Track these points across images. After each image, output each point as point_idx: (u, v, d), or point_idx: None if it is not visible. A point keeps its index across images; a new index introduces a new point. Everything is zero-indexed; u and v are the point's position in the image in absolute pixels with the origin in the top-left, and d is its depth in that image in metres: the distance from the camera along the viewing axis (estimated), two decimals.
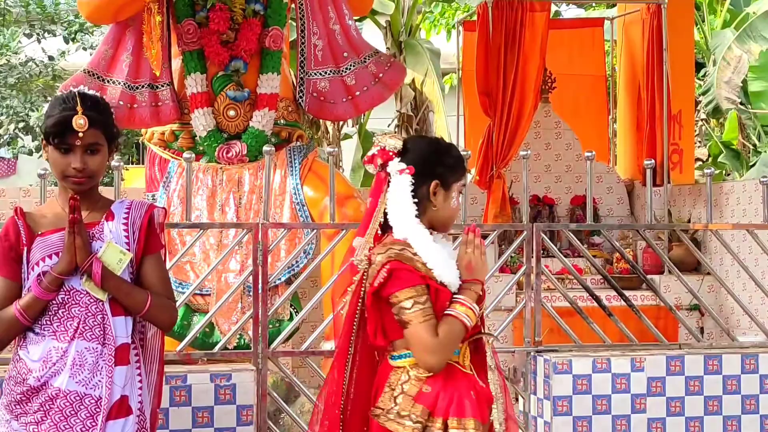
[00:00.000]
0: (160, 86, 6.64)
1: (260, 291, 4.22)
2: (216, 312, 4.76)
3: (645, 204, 5.80)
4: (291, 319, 5.93)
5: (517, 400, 4.70)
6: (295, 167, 6.59)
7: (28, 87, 14.06)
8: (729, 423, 4.38)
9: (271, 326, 4.67)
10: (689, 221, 8.43)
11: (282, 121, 6.79)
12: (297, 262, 5.97)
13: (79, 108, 3.05)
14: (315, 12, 6.89)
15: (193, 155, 4.76)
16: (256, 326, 4.22)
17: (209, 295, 5.97)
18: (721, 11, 14.38)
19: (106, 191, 3.11)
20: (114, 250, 3.07)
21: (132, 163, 17.65)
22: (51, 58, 14.29)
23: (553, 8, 12.81)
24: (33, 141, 14.25)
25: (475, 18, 9.18)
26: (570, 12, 16.32)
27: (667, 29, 9.04)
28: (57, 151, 3.07)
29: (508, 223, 7.80)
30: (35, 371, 2.99)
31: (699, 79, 13.64)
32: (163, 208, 3.33)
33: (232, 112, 6.63)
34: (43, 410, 2.98)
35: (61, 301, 3.04)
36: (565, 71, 9.65)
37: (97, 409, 3.00)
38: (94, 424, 2.99)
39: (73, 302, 3.04)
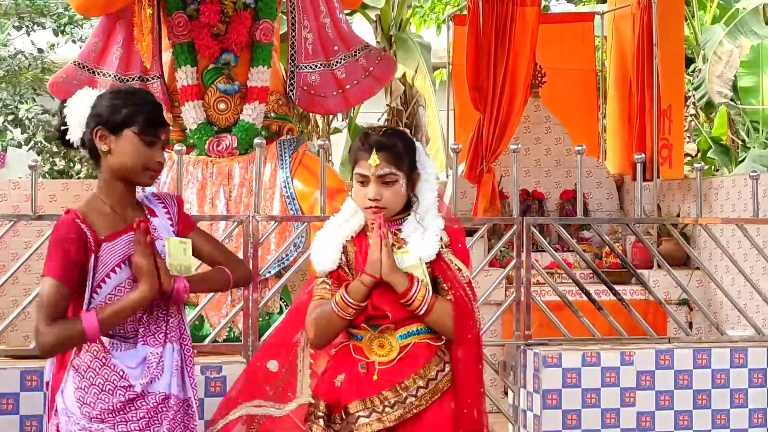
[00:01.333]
0: (150, 79, 6.64)
1: (250, 284, 4.21)
2: (206, 305, 4.76)
3: (634, 198, 5.81)
4: (281, 312, 5.95)
5: (506, 393, 4.71)
6: (286, 160, 6.59)
7: (17, 80, 14.00)
8: (718, 417, 4.39)
9: (260, 319, 4.66)
10: (678, 216, 8.44)
11: (272, 114, 6.79)
12: (287, 255, 5.98)
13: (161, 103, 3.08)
14: (306, 5, 6.89)
15: (184, 148, 4.75)
16: (246, 319, 4.23)
17: None
18: (711, 6, 14.40)
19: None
20: (175, 243, 2.95)
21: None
22: (40, 50, 14.22)
23: (544, 3, 12.81)
24: (22, 134, 14.20)
25: (465, 12, 9.17)
26: (560, 7, 16.32)
27: (657, 24, 9.05)
28: (142, 143, 2.95)
29: (498, 217, 7.81)
30: (137, 378, 2.91)
31: (689, 74, 13.65)
32: (179, 195, 3.31)
33: (222, 105, 6.63)
34: (148, 417, 2.90)
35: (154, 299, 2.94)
36: (555, 66, 9.65)
37: (189, 410, 2.99)
38: (192, 424, 2.99)
39: (155, 305, 2.96)
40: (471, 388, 3.10)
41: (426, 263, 3.08)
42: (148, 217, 3.03)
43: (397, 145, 3.15)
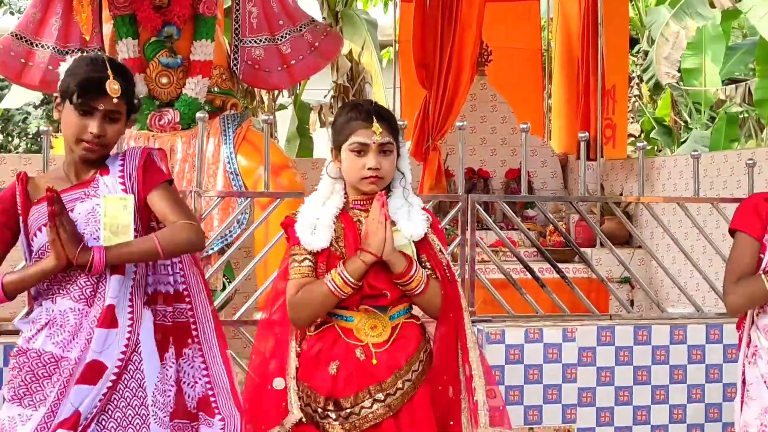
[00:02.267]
0: (90, 51, 6.55)
1: (199, 252, 4.17)
2: None
3: (578, 178, 5.85)
4: (224, 289, 5.90)
5: None
6: (229, 136, 6.54)
7: None
8: (657, 392, 4.44)
9: None
10: (621, 195, 8.52)
11: (216, 89, 6.73)
12: (230, 231, 5.94)
13: (110, 72, 2.90)
14: None
15: None
16: None
17: None
18: None
19: (34, 159, 3.01)
20: (112, 201, 2.88)
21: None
22: None
23: None
24: None
25: None
26: None
27: (603, 4, 9.11)
28: (75, 112, 2.89)
29: (443, 195, 7.82)
30: (24, 332, 2.90)
31: (633, 55, 13.77)
32: (160, 149, 3.15)
33: (164, 79, 6.56)
34: (22, 373, 2.86)
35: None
36: (502, 45, 9.68)
37: (66, 371, 2.84)
38: (57, 384, 2.84)
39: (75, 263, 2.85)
40: (448, 367, 3.10)
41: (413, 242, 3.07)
42: (98, 177, 2.96)
43: (392, 116, 3.16)
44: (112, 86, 2.87)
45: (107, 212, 2.86)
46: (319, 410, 3.02)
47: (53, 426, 2.80)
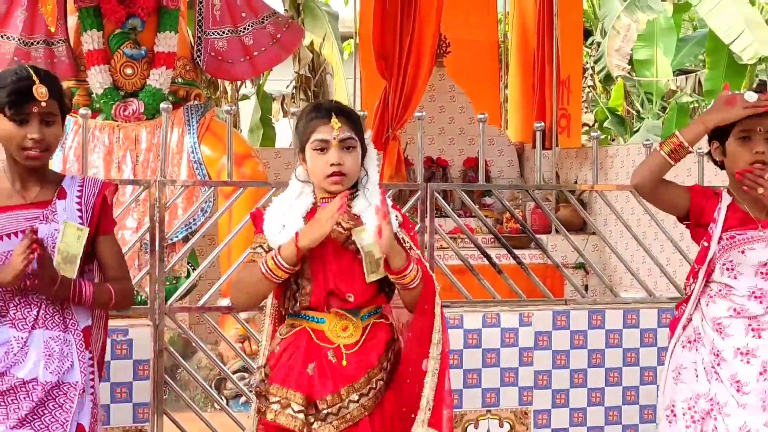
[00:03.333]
0: (55, 43, 6.50)
1: (157, 248, 4.15)
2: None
3: (534, 166, 5.88)
4: (188, 276, 5.88)
5: None
6: (193, 126, 6.52)
7: None
8: (611, 375, 4.47)
9: (168, 283, 4.59)
10: (576, 183, 8.58)
11: (179, 79, 6.70)
12: (194, 219, 5.92)
13: (35, 78, 2.90)
14: None
15: (89, 112, 4.64)
16: (153, 283, 4.16)
17: None
18: None
19: None
20: (71, 228, 2.92)
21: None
22: None
23: None
24: None
25: None
26: None
27: None
28: (12, 123, 2.87)
29: (403, 183, 7.82)
30: None
31: (587, 46, 13.84)
32: (115, 184, 3.20)
33: (128, 70, 6.52)
34: (5, 401, 2.84)
35: (18, 287, 2.88)
36: (460, 37, 9.69)
37: (65, 396, 2.90)
38: (61, 410, 2.89)
39: (31, 289, 2.89)
40: (418, 360, 3.04)
41: None
42: (55, 201, 2.97)
43: (352, 111, 3.10)
44: (39, 90, 2.88)
45: (64, 239, 2.92)
46: (300, 415, 2.94)
47: None
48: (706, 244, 3.26)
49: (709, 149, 3.34)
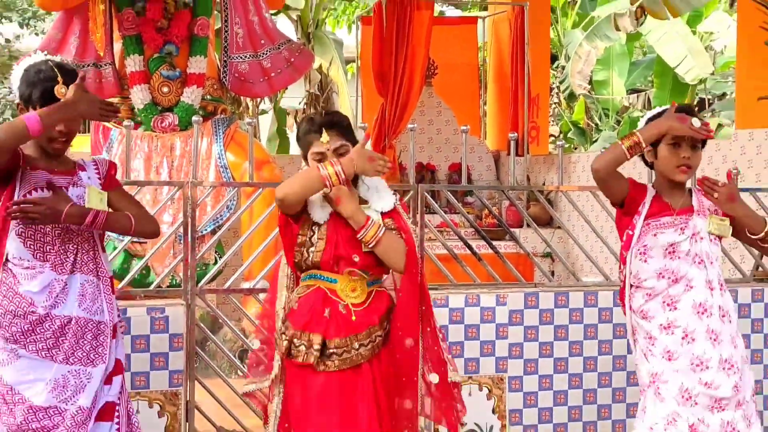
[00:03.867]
0: (103, 65, 6.49)
1: (189, 239, 4.15)
2: (151, 257, 4.66)
3: (509, 170, 5.88)
4: (215, 262, 5.88)
5: None
6: (219, 136, 6.51)
7: None
8: (573, 347, 4.47)
9: (198, 269, 4.59)
10: (544, 184, 8.57)
11: (208, 96, 6.69)
12: (221, 215, 5.93)
13: (59, 78, 2.91)
14: (236, 5, 6.80)
15: (132, 124, 4.64)
16: (186, 268, 4.16)
17: (146, 243, 5.87)
18: (572, 14, 14.59)
19: None
20: (94, 191, 3.02)
21: (78, 132, 17.20)
22: (8, 40, 13.82)
23: (437, 8, 12.81)
24: None
25: (371, 14, 9.14)
26: (450, 11, 16.36)
27: (528, 28, 9.14)
28: None
29: (398, 184, 7.79)
30: (40, 302, 2.84)
31: (553, 69, 13.82)
32: (114, 164, 3.25)
33: (165, 89, 6.51)
34: (55, 337, 2.84)
35: (55, 236, 2.91)
36: (446, 61, 9.68)
37: (99, 332, 2.91)
38: (98, 344, 2.91)
39: (66, 238, 2.92)
40: (408, 316, 3.10)
41: (385, 213, 3.09)
42: (78, 172, 3.06)
43: (342, 120, 3.12)
44: (60, 90, 2.87)
45: (90, 200, 2.99)
46: (315, 352, 2.97)
47: None
48: (630, 232, 3.35)
49: (642, 152, 3.38)
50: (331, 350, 2.99)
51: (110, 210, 3.06)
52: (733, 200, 3.27)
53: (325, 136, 3.02)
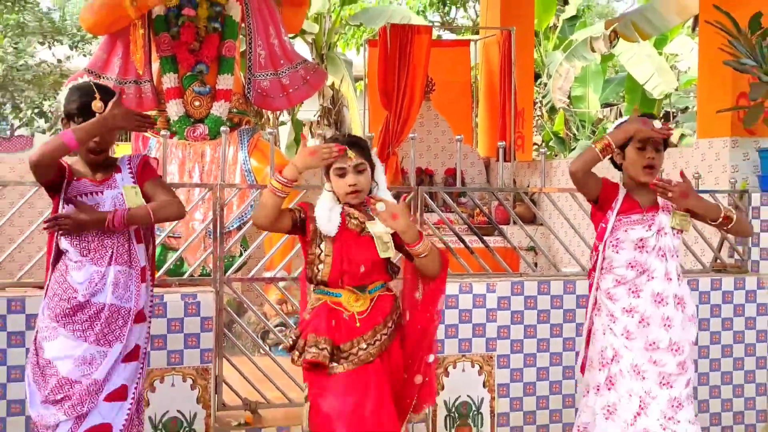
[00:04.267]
0: (143, 82, 6.50)
1: (218, 234, 4.16)
2: (185, 250, 4.67)
3: (497, 174, 5.88)
4: (241, 255, 5.89)
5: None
6: (244, 144, 6.52)
7: (41, 82, 13.62)
8: (554, 329, 4.47)
9: (226, 260, 4.60)
10: (528, 186, 8.56)
11: (234, 109, 6.70)
12: (245, 213, 5.93)
13: (96, 95, 2.94)
14: (259, 30, 6.80)
15: (168, 134, 4.65)
16: (215, 260, 4.17)
17: (180, 237, 5.89)
18: (553, 38, 14.57)
19: None
20: (128, 189, 3.03)
21: (121, 140, 17.24)
22: (59, 60, 13.83)
23: (434, 32, 12.80)
24: (45, 123, 13.78)
25: (377, 38, 9.13)
26: (446, 35, 16.36)
27: (515, 50, 9.13)
28: None
29: (400, 187, 7.80)
30: (81, 290, 2.87)
31: (537, 86, 13.81)
32: (155, 158, 3.25)
33: (197, 103, 6.52)
34: (90, 321, 2.87)
35: (94, 234, 2.93)
36: (442, 79, 9.68)
37: (124, 316, 2.93)
38: (119, 326, 2.92)
39: (105, 235, 2.94)
40: (430, 310, 3.09)
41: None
42: (114, 175, 3.06)
43: (361, 141, 3.10)
44: (96, 104, 2.90)
45: (127, 198, 3.01)
46: (326, 352, 2.97)
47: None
48: (604, 225, 3.37)
49: (613, 153, 3.38)
50: (341, 354, 2.98)
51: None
52: (687, 196, 3.25)
53: (350, 153, 3.00)
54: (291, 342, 3.07)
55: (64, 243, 2.94)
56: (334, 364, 2.98)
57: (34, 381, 2.86)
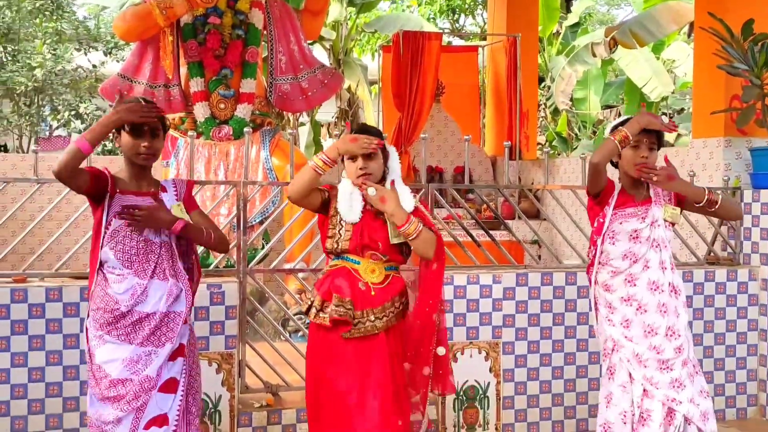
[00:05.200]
0: (172, 86, 6.52)
1: (241, 228, 4.16)
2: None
3: (504, 172, 5.86)
4: (263, 247, 5.90)
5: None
6: (266, 144, 6.53)
7: (78, 86, 13.68)
8: (557, 318, 4.46)
9: (249, 252, 4.61)
10: (533, 183, 8.52)
11: (257, 111, 6.71)
12: (267, 208, 5.95)
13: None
14: (280, 37, 6.81)
15: (195, 134, 4.67)
16: (239, 252, 4.18)
17: None
18: (556, 43, 14.49)
19: (115, 159, 2.99)
20: (176, 207, 3.03)
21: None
22: (94, 66, 13.88)
23: (444, 38, 12.76)
24: (81, 124, 13.84)
25: (391, 44, 9.11)
26: (456, 41, 16.30)
27: (520, 55, 9.08)
28: (130, 136, 2.94)
29: (412, 184, 7.77)
30: (123, 302, 2.88)
31: (541, 89, 13.75)
32: (193, 182, 3.26)
33: (222, 105, 6.54)
34: (133, 326, 2.89)
35: (140, 248, 2.93)
36: (452, 82, 9.64)
37: (174, 321, 2.95)
38: (169, 329, 2.94)
39: (149, 250, 2.94)
40: (434, 293, 3.07)
41: (412, 213, 3.04)
42: (160, 193, 3.05)
43: (372, 129, 3.11)
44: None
45: (175, 214, 3.01)
46: (347, 308, 2.97)
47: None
48: (601, 220, 3.36)
49: (629, 144, 3.37)
50: (356, 319, 2.98)
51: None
52: (672, 179, 3.26)
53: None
54: (309, 302, 3.07)
55: (108, 254, 2.93)
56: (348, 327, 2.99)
57: (89, 382, 2.91)
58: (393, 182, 3.07)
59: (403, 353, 3.07)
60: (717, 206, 3.32)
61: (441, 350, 3.12)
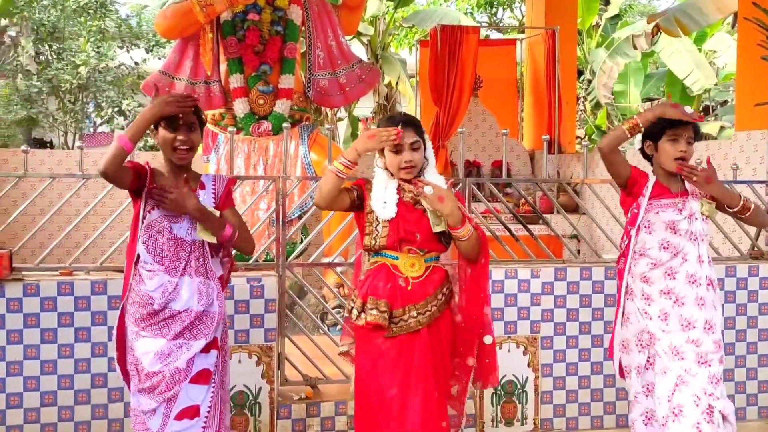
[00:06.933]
0: (212, 82, 6.59)
1: (281, 223, 4.20)
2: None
3: (542, 166, 5.81)
4: (301, 242, 5.94)
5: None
6: (305, 139, 6.56)
7: (120, 83, 13.89)
8: (596, 313, 4.41)
9: (288, 247, 4.65)
10: (571, 177, 8.44)
11: (295, 107, 6.75)
12: (306, 203, 5.97)
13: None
14: (318, 32, 6.83)
15: (235, 130, 4.71)
16: (278, 246, 4.21)
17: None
18: (596, 36, 14.31)
19: (157, 154, 3.00)
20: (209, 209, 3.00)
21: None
22: (136, 63, 14.09)
23: (482, 32, 12.68)
24: (124, 120, 14.07)
25: (428, 38, 9.09)
26: (494, 35, 16.19)
27: (559, 48, 9.00)
28: (166, 130, 2.92)
29: (450, 179, 7.78)
30: (156, 298, 2.91)
31: (580, 82, 13.59)
32: (235, 179, 3.23)
33: (261, 101, 6.58)
34: (165, 321, 2.92)
35: (170, 245, 2.94)
36: (490, 76, 9.60)
37: (209, 319, 2.96)
38: (205, 326, 2.96)
39: (180, 248, 2.95)
40: (478, 294, 3.02)
41: None
42: (198, 191, 3.03)
43: (415, 120, 3.03)
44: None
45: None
46: (384, 314, 2.93)
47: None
48: (636, 211, 3.34)
49: (642, 146, 3.38)
50: (392, 319, 2.94)
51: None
52: (710, 182, 3.23)
53: (406, 131, 2.95)
54: (351, 304, 3.05)
55: (141, 248, 2.96)
56: (391, 326, 2.95)
57: (131, 374, 2.96)
58: (419, 182, 2.98)
59: (450, 348, 3.04)
60: (748, 213, 3.30)
61: (488, 338, 3.07)
